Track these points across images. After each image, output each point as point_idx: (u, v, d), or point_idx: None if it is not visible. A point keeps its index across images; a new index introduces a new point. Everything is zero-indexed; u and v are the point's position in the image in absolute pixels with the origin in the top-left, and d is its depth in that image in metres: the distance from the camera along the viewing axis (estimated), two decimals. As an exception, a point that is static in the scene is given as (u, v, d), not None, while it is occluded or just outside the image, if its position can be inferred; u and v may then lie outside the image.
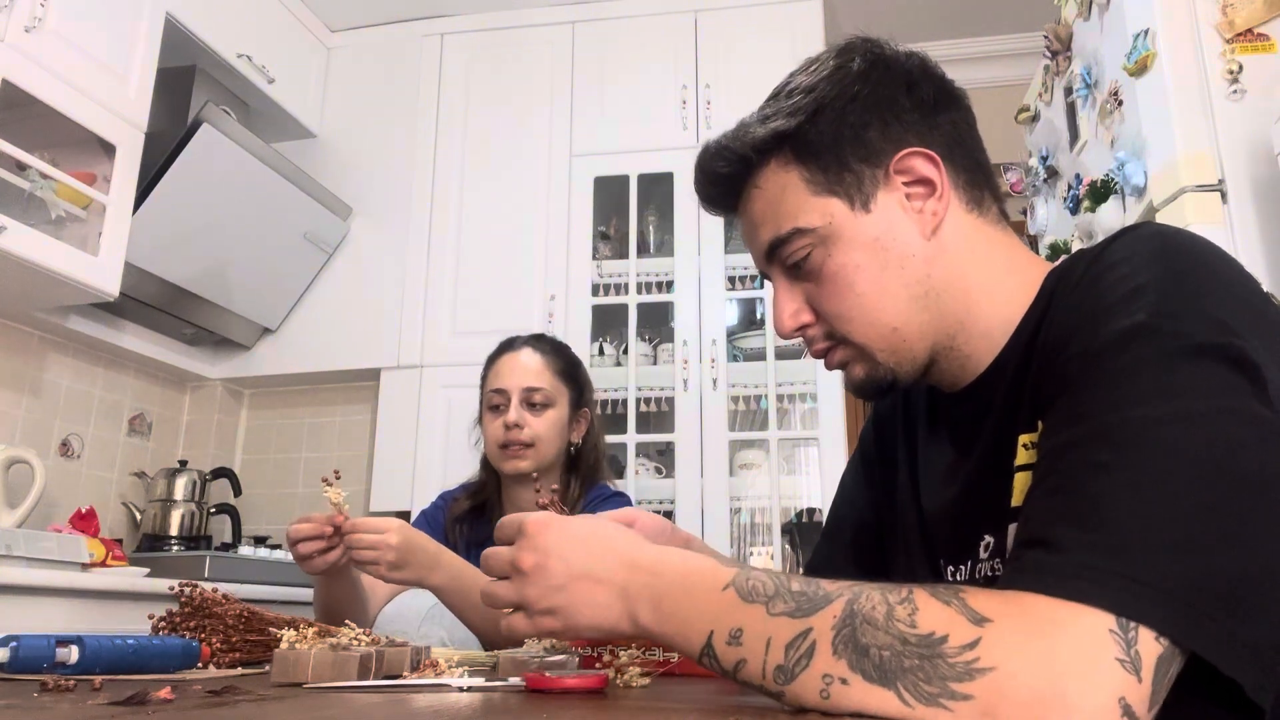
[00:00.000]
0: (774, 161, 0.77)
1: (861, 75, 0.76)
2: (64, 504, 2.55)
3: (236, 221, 2.73)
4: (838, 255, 0.75)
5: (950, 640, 0.52)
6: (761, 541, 2.65)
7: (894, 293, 0.75)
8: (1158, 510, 0.54)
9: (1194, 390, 0.57)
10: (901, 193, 0.75)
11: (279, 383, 3.17)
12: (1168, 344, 0.58)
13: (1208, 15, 1.63)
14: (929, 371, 0.78)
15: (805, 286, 0.78)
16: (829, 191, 0.75)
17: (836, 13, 3.06)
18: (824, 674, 0.54)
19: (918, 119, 0.76)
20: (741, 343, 2.81)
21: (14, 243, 2.01)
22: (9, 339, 2.49)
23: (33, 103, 2.09)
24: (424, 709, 0.60)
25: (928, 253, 0.75)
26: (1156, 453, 0.55)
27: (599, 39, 3.07)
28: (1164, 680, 0.51)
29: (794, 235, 0.76)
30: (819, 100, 0.76)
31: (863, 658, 0.53)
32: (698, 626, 0.60)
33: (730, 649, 0.58)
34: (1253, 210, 1.54)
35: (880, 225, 0.75)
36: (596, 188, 2.94)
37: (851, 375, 0.79)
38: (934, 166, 0.75)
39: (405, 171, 3.08)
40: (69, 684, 0.66)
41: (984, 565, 0.74)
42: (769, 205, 0.78)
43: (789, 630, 0.56)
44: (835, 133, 0.75)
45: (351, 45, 3.28)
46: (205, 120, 2.46)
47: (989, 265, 0.76)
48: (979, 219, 0.77)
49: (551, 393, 1.60)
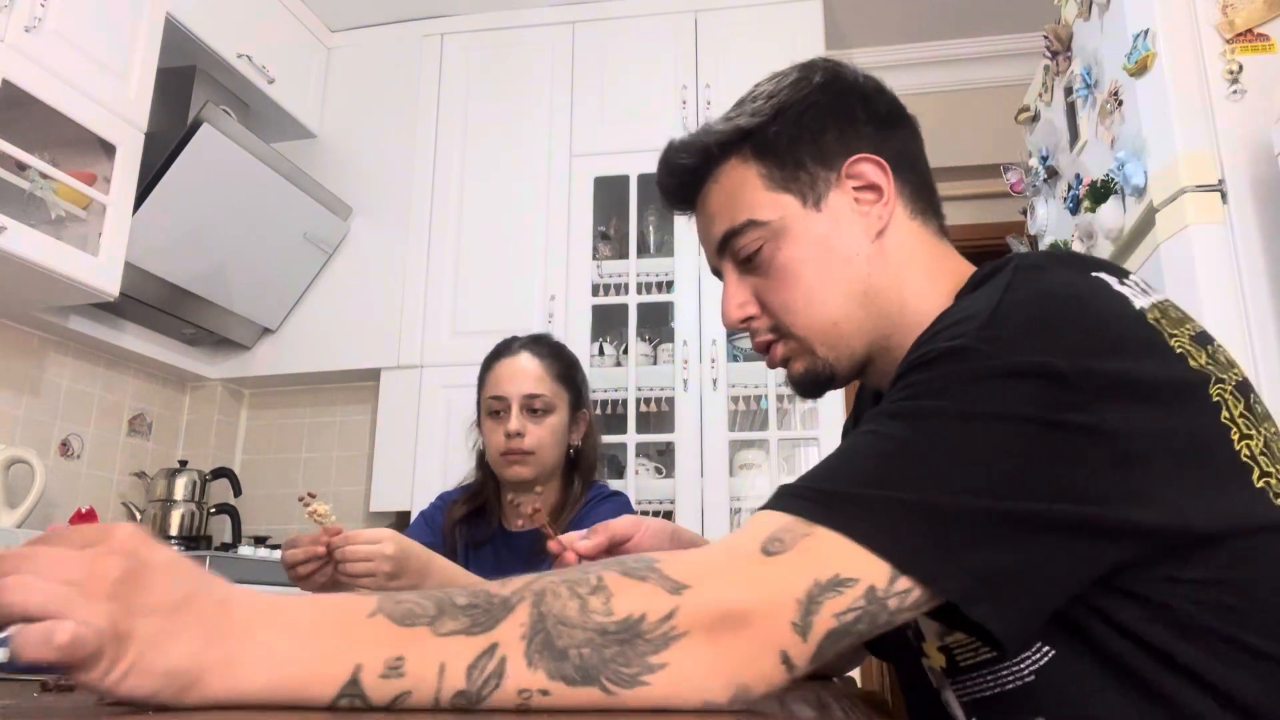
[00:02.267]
0: (734, 158, 0.81)
1: (821, 86, 0.81)
2: (64, 504, 2.55)
3: (236, 221, 2.73)
4: (787, 249, 0.79)
5: (649, 616, 0.51)
6: (761, 541, 2.64)
7: (836, 288, 0.79)
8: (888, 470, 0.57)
9: (986, 400, 0.58)
10: (851, 196, 0.79)
11: (279, 383, 3.17)
12: (976, 364, 0.60)
13: (1208, 15, 1.63)
14: (865, 370, 0.82)
15: (754, 280, 0.82)
16: (783, 188, 0.79)
17: (836, 13, 3.06)
18: (520, 689, 0.49)
19: (871, 131, 0.81)
20: (742, 343, 2.81)
21: (14, 243, 2.01)
22: (9, 339, 2.49)
23: (33, 103, 2.09)
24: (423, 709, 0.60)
25: (870, 253, 0.79)
26: (918, 432, 0.58)
27: (599, 39, 3.07)
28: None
29: (748, 227, 0.80)
30: (780, 104, 0.80)
31: (561, 662, 0.49)
32: (336, 666, 0.48)
33: (385, 682, 0.48)
34: (1253, 210, 1.54)
35: (829, 223, 0.79)
36: (596, 188, 2.94)
37: (792, 370, 0.83)
38: (883, 173, 0.79)
39: (405, 171, 3.08)
40: (69, 684, 0.66)
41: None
42: (726, 198, 0.82)
43: (468, 650, 0.50)
44: (794, 134, 0.79)
45: (351, 45, 3.28)
46: (205, 120, 2.46)
47: (925, 272, 0.80)
48: (921, 227, 0.82)
49: (551, 399, 1.58)
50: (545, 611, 0.51)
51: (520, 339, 1.67)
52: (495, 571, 1.55)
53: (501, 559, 1.58)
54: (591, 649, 0.50)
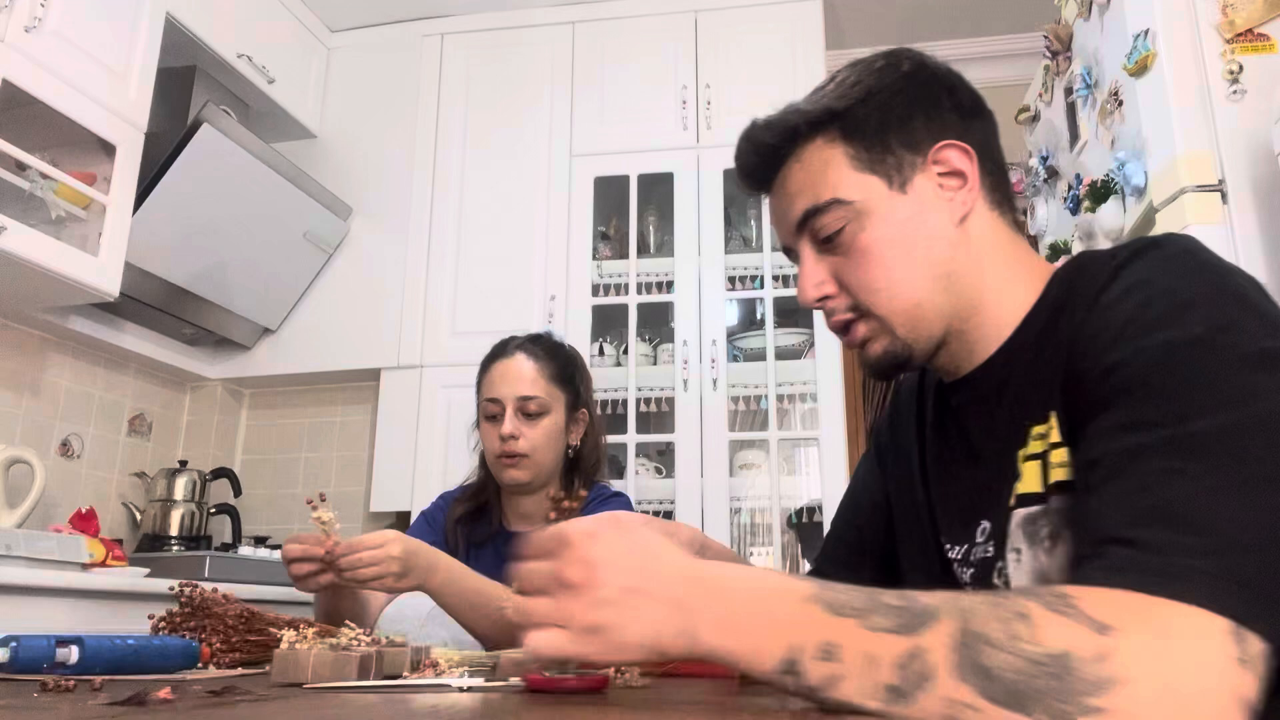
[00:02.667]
0: (820, 138, 0.81)
1: (908, 75, 0.82)
2: (64, 504, 2.55)
3: (236, 221, 2.73)
4: (871, 230, 0.79)
5: (1078, 654, 0.51)
6: (762, 542, 2.65)
7: (919, 270, 0.79)
8: (1244, 514, 0.55)
9: (1260, 395, 0.59)
10: (936, 181, 0.80)
11: (279, 383, 3.17)
12: (1228, 354, 0.60)
13: (1208, 15, 1.63)
14: (938, 353, 0.82)
15: (833, 260, 0.82)
16: (870, 170, 0.80)
17: (836, 12, 3.06)
18: (947, 698, 0.51)
19: (956, 119, 0.82)
20: (741, 343, 2.81)
21: (14, 243, 2.01)
22: (9, 339, 2.49)
23: (33, 103, 2.09)
24: (424, 709, 0.60)
25: (953, 238, 0.80)
26: (1232, 458, 0.57)
27: (599, 39, 3.07)
28: (1263, 677, 0.52)
29: (832, 205, 0.80)
30: (869, 89, 0.81)
31: (989, 682, 0.51)
32: (778, 641, 0.55)
33: (821, 664, 0.54)
34: (1253, 210, 1.54)
35: (913, 206, 0.79)
36: (596, 188, 2.94)
37: (869, 352, 0.82)
38: (968, 160, 0.80)
39: (405, 171, 3.08)
40: (69, 684, 0.66)
41: (979, 548, 0.79)
42: (809, 177, 0.81)
43: (895, 648, 0.53)
44: (882, 117, 0.80)
45: (351, 45, 3.28)
46: (205, 120, 2.46)
47: (1004, 260, 0.81)
48: (999, 217, 0.82)
49: (546, 400, 1.57)
50: (970, 628, 0.53)
51: (517, 339, 1.66)
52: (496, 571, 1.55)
53: (503, 558, 1.56)
54: (1022, 677, 0.51)
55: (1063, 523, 0.70)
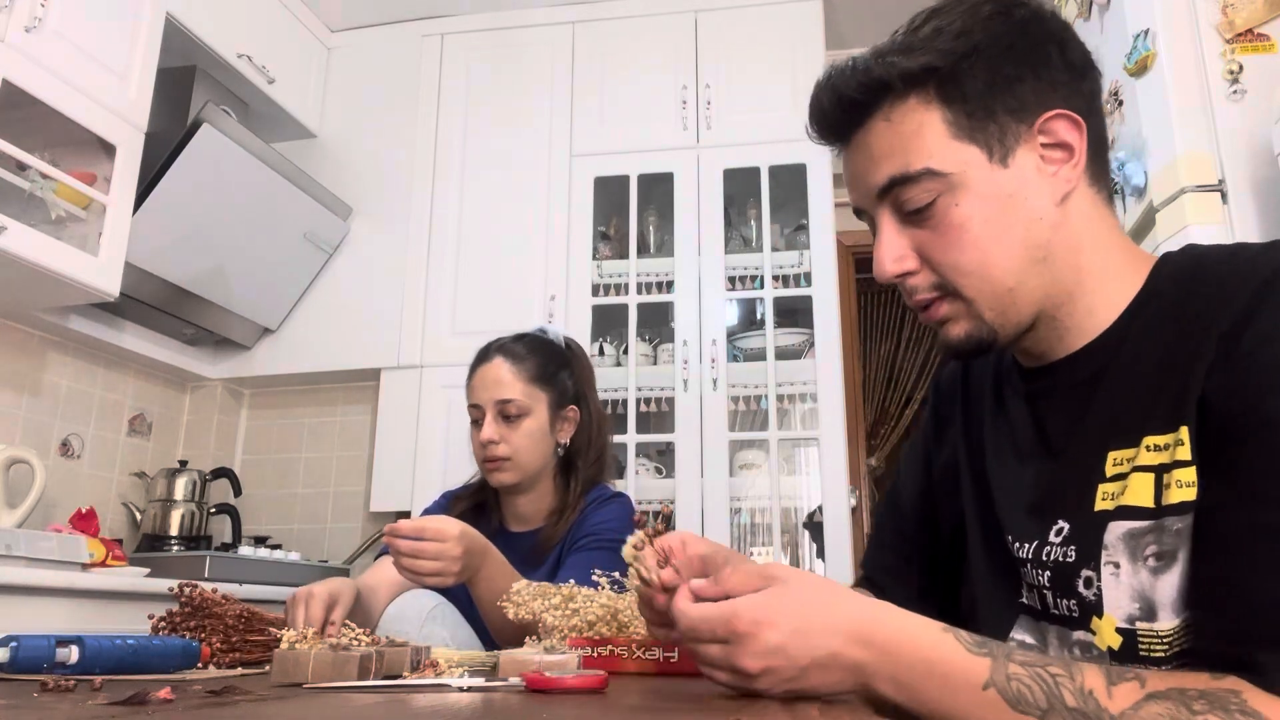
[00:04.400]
0: (914, 97, 0.73)
1: (1019, 26, 0.73)
2: (64, 504, 2.55)
3: (236, 221, 2.73)
4: (966, 205, 0.72)
5: None
6: (762, 542, 2.65)
7: (1016, 252, 0.73)
8: None
9: None
10: (1039, 153, 0.73)
11: (279, 383, 3.17)
12: None
13: (1208, 15, 1.62)
14: (1023, 337, 0.77)
15: (917, 233, 0.75)
16: (969, 138, 0.72)
17: (836, 12, 3.06)
18: None
19: (1067, 80, 0.74)
20: (741, 343, 2.81)
21: (14, 243, 2.01)
22: (9, 339, 2.49)
23: (33, 103, 2.09)
24: (424, 709, 0.60)
25: (1055, 218, 0.73)
26: None
27: (599, 39, 3.07)
28: None
29: (924, 176, 0.72)
30: (974, 44, 0.72)
31: None
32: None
33: None
34: (1253, 210, 1.54)
35: (1015, 182, 0.73)
36: (596, 188, 2.94)
37: (950, 333, 0.76)
38: (1078, 132, 0.73)
39: (405, 171, 3.08)
40: (69, 684, 0.66)
41: (1055, 550, 0.74)
42: (899, 140, 0.73)
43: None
44: (988, 80, 0.72)
45: (351, 45, 3.28)
46: (205, 120, 2.46)
47: (1104, 244, 0.75)
48: (1098, 194, 0.76)
49: (525, 402, 1.57)
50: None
51: (499, 341, 1.66)
52: None
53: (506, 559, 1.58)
54: None
55: (1178, 544, 0.66)
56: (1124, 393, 0.71)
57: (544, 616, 1.01)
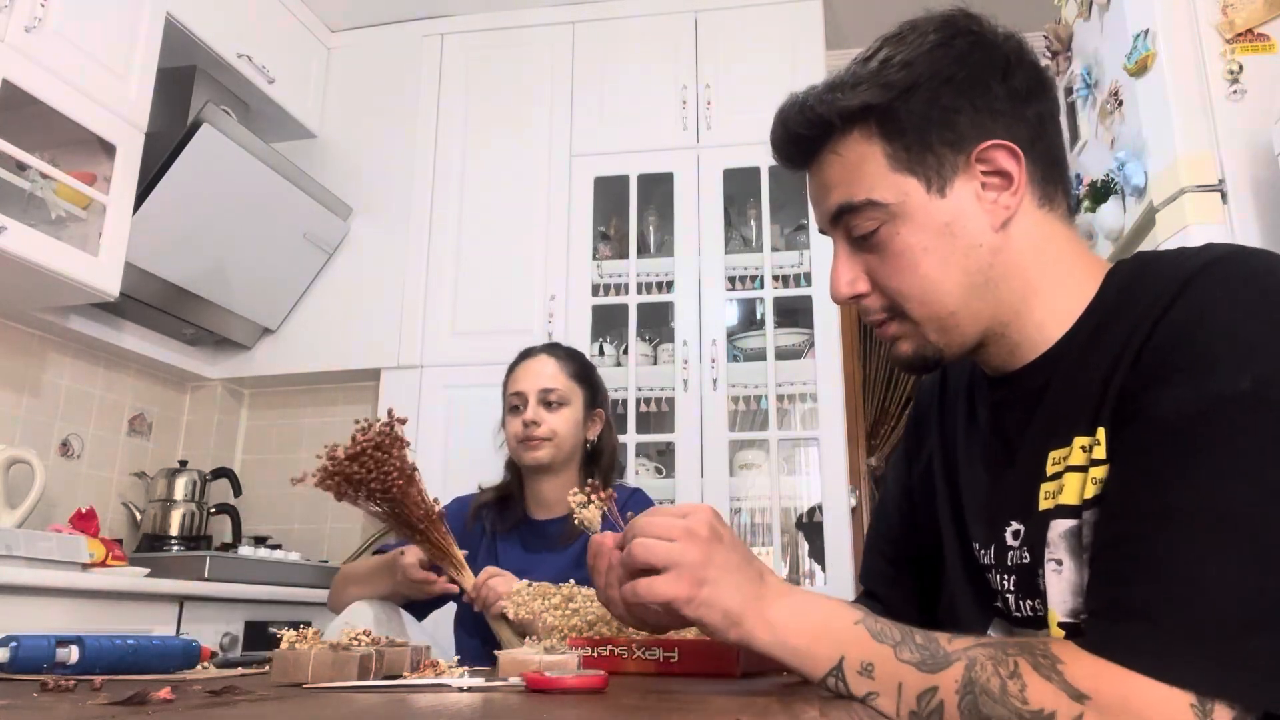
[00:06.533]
0: (857, 131, 0.77)
1: (961, 57, 0.75)
2: (64, 504, 2.55)
3: (236, 221, 2.73)
4: (906, 234, 0.76)
5: (1056, 717, 0.59)
6: (761, 541, 2.65)
7: (955, 278, 0.76)
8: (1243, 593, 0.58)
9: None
10: (978, 181, 0.76)
11: (279, 383, 3.17)
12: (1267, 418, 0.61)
13: (1208, 15, 1.63)
14: (975, 352, 0.81)
15: (868, 258, 0.79)
16: (908, 170, 0.75)
17: (836, 13, 3.06)
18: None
19: (1007, 109, 0.76)
20: (741, 343, 2.81)
21: (14, 243, 2.01)
22: (9, 339, 2.49)
23: (33, 103, 2.09)
24: (424, 709, 0.60)
25: (994, 244, 0.76)
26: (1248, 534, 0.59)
27: (599, 39, 3.07)
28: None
29: (866, 206, 0.76)
30: (915, 77, 0.75)
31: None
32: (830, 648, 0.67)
33: (861, 679, 0.66)
34: (1253, 210, 1.54)
35: (952, 211, 0.75)
36: (596, 188, 2.94)
37: (899, 350, 0.81)
38: (1015, 161, 0.75)
39: (405, 171, 3.08)
40: (69, 684, 0.66)
41: (1013, 552, 0.77)
42: (845, 171, 0.78)
43: (918, 681, 0.63)
44: (925, 114, 0.75)
45: (351, 45, 3.27)
46: (205, 120, 2.46)
47: (1051, 261, 0.77)
48: (1047, 214, 0.78)
49: (566, 393, 1.73)
50: (974, 678, 0.62)
51: (540, 345, 1.85)
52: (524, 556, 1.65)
53: (529, 545, 1.70)
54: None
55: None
56: (1064, 397, 0.74)
57: (544, 616, 1.01)
